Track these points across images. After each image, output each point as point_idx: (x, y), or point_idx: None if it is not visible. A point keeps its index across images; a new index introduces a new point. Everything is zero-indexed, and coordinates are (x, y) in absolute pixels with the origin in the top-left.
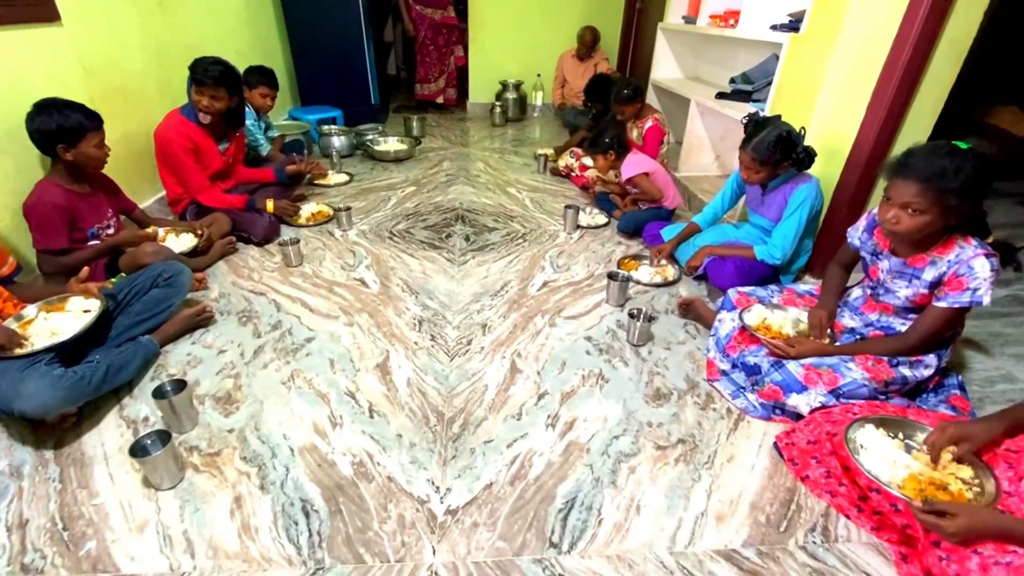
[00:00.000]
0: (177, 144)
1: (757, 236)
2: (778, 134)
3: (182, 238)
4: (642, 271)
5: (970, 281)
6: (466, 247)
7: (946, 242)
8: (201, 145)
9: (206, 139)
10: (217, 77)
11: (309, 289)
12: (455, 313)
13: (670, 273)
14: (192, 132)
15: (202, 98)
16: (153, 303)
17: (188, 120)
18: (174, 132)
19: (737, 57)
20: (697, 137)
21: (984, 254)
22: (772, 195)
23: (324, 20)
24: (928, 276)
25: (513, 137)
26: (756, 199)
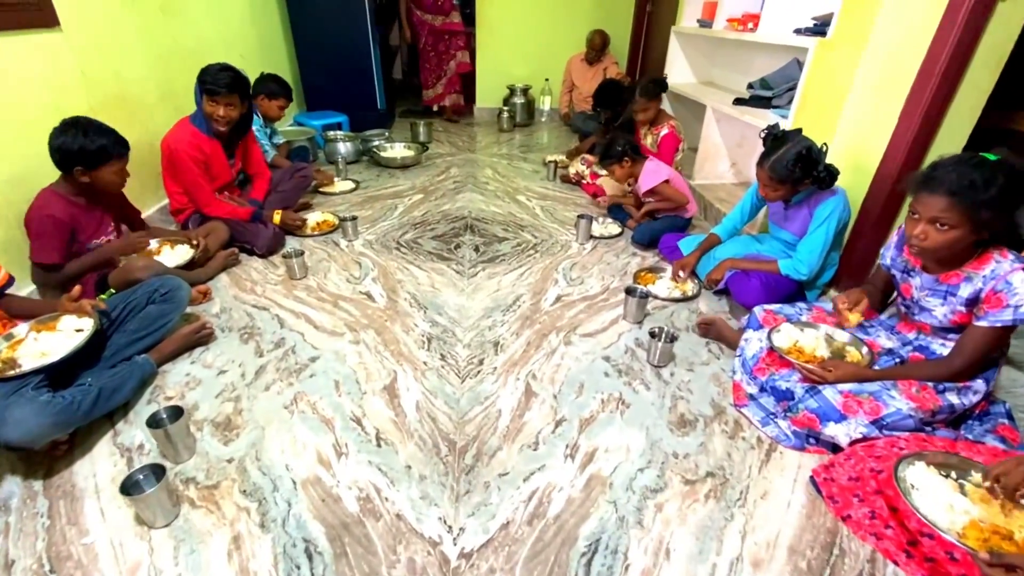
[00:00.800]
0: (187, 155)
1: (780, 250)
2: (798, 151)
3: (178, 250)
4: (660, 285)
5: (1009, 297)
6: (476, 258)
7: (980, 256)
8: (211, 157)
9: (217, 150)
10: (230, 84)
11: (313, 303)
12: (465, 330)
13: (689, 288)
14: (203, 143)
15: (217, 108)
16: (150, 320)
17: (199, 131)
18: (185, 143)
19: (754, 62)
20: (713, 144)
21: (1022, 268)
22: (795, 210)
23: (330, 23)
24: (964, 293)
25: (521, 143)
26: (779, 212)
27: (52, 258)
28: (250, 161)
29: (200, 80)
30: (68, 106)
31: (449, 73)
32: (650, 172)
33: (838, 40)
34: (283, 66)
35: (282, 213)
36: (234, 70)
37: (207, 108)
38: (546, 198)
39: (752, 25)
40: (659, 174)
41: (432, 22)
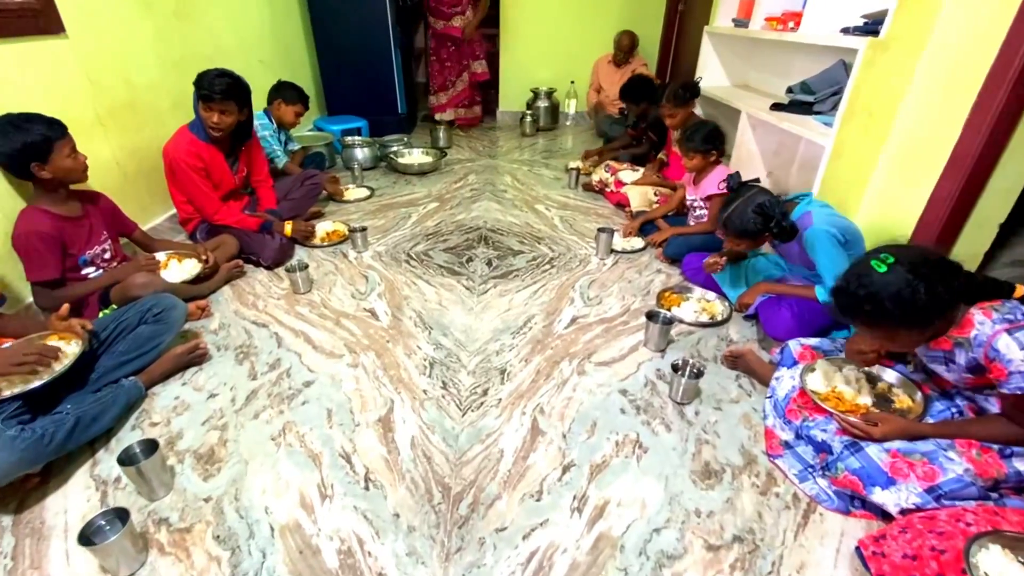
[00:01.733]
0: (186, 163)
1: (807, 277)
2: (753, 208)
3: (185, 264)
4: (686, 308)
5: (1008, 366)
6: (487, 273)
7: (962, 321)
8: (211, 164)
9: (217, 157)
10: (225, 91)
11: (315, 321)
12: (471, 354)
13: (718, 310)
14: (201, 150)
15: (211, 114)
16: (140, 341)
17: (197, 138)
18: (183, 151)
19: (793, 64)
20: (747, 152)
21: (1005, 329)
22: (785, 248)
23: (350, 26)
24: (961, 360)
25: (544, 148)
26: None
27: (49, 274)
28: (254, 168)
29: (196, 86)
30: (73, 114)
31: (459, 85)
32: (718, 178)
33: (893, 40)
34: (304, 70)
35: (293, 224)
36: (232, 76)
37: (203, 114)
38: (566, 207)
39: (793, 24)
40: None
41: (434, 25)
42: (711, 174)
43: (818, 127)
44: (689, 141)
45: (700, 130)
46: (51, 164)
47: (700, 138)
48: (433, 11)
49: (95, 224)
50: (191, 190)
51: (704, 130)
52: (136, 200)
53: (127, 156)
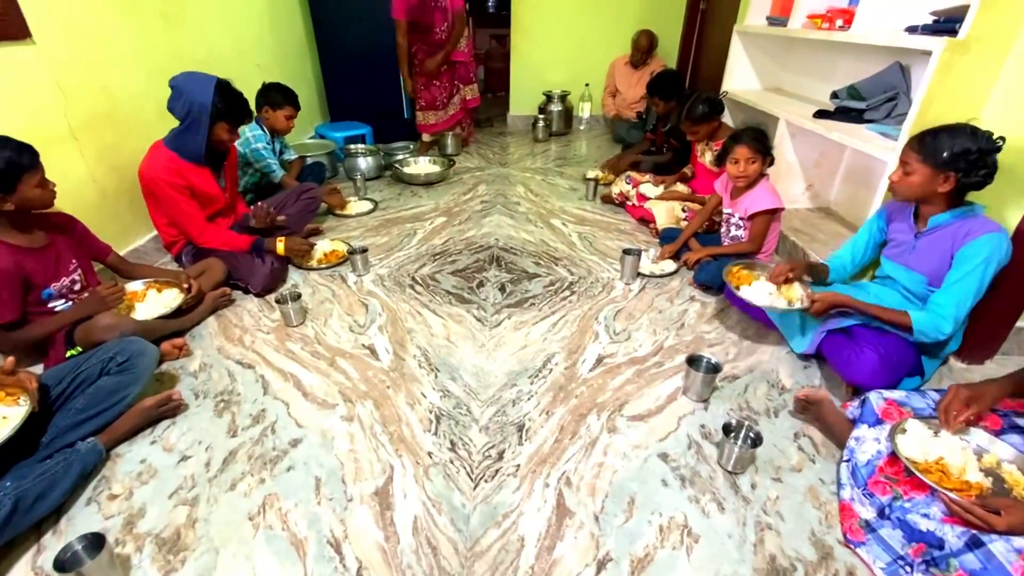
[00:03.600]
0: (167, 183)
1: (895, 298)
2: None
3: (165, 295)
4: (758, 289)
5: None
6: (501, 301)
7: None
8: (196, 183)
9: (203, 175)
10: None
11: (307, 360)
12: (483, 404)
13: (796, 295)
14: (184, 168)
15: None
16: (102, 396)
17: (177, 156)
18: (162, 170)
19: (836, 66)
20: (786, 163)
21: None
22: (931, 238)
23: (355, 28)
24: None
25: (557, 154)
26: (904, 243)
27: (7, 315)
28: (230, 181)
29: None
30: (42, 128)
31: (451, 109)
32: (766, 193)
33: (975, 40)
34: (306, 75)
35: (286, 241)
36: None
37: (223, 136)
38: (584, 222)
39: (843, 23)
40: (775, 200)
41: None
42: (756, 189)
43: (875, 138)
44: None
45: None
46: (16, 195)
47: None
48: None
49: (63, 253)
50: (173, 212)
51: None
52: (116, 220)
53: (105, 172)
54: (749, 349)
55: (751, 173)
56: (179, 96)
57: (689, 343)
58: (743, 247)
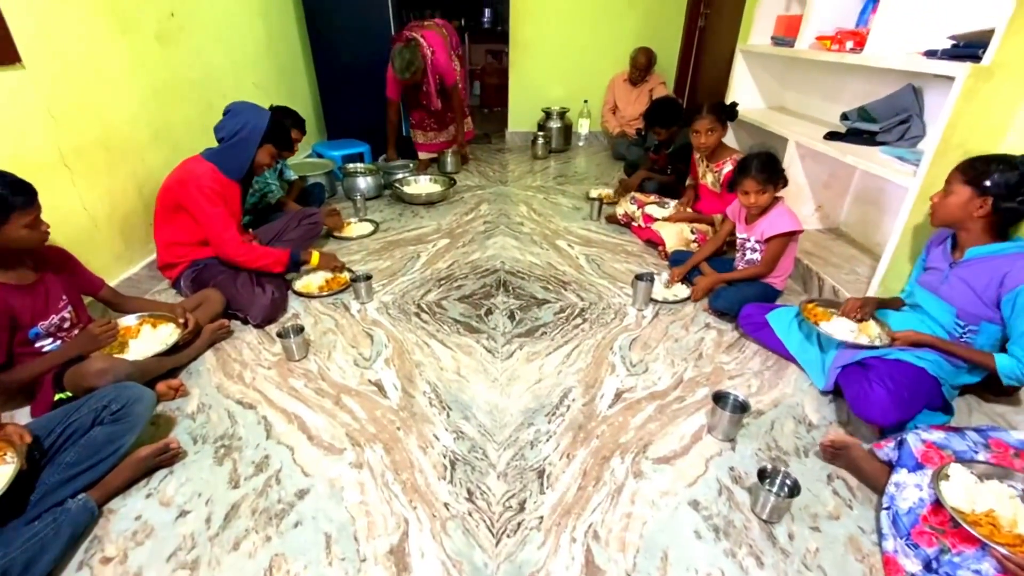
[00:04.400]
0: (214, 190)
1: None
2: None
3: (160, 331)
4: (839, 326)
5: None
6: (511, 330)
7: None
8: (230, 198)
9: (234, 192)
10: None
11: (311, 399)
12: (500, 447)
13: (874, 332)
14: (223, 184)
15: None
16: (94, 448)
17: (218, 170)
18: (206, 178)
19: (844, 87)
20: (795, 184)
21: None
22: (967, 271)
23: (352, 45)
24: None
25: (557, 172)
26: (938, 272)
27: None
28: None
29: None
30: (31, 157)
31: (441, 137)
32: (783, 215)
33: (1000, 67)
34: (302, 92)
35: (321, 255)
36: None
37: (265, 160)
38: (590, 243)
39: (854, 44)
40: (793, 222)
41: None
42: (772, 212)
43: (891, 162)
44: (760, 172)
45: (765, 159)
46: (2, 234)
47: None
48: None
49: (52, 289)
50: (211, 221)
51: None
52: (109, 249)
53: (97, 200)
54: (771, 381)
55: (762, 203)
56: (235, 116)
57: (709, 375)
58: (755, 271)
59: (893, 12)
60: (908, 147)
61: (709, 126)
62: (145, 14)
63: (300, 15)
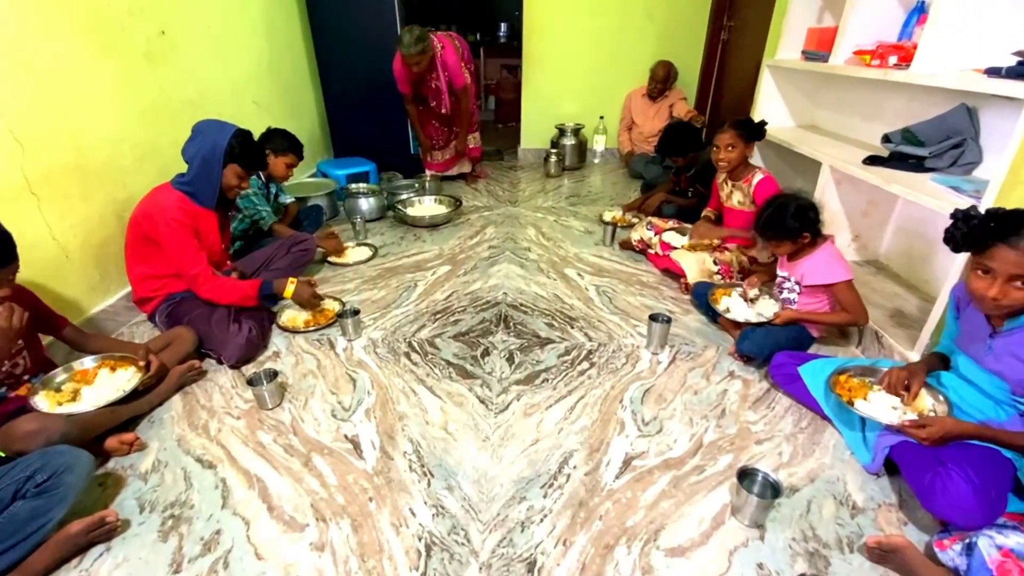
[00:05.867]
0: (179, 222)
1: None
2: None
3: (119, 376)
4: (878, 403)
5: None
6: (508, 376)
7: None
8: (203, 228)
9: (211, 222)
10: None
11: (278, 458)
12: (486, 527)
13: (926, 406)
14: (194, 212)
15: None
16: (15, 525)
17: (189, 198)
18: (174, 209)
19: (883, 104)
20: (830, 212)
21: None
22: (1012, 340)
23: (360, 60)
24: None
25: (570, 191)
26: (978, 340)
27: None
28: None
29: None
30: None
31: (447, 153)
32: (828, 262)
33: None
34: (307, 110)
35: (297, 284)
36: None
37: (233, 180)
38: (603, 273)
39: (898, 60)
40: (839, 271)
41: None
42: (816, 253)
43: (945, 194)
44: (765, 229)
45: (778, 214)
46: None
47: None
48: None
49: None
50: (180, 255)
51: (783, 212)
52: (82, 280)
53: (69, 230)
54: (806, 447)
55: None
56: (196, 137)
57: (733, 438)
58: (843, 318)
59: (945, 25)
60: (962, 174)
61: (729, 141)
62: (132, 32)
63: (307, 30)
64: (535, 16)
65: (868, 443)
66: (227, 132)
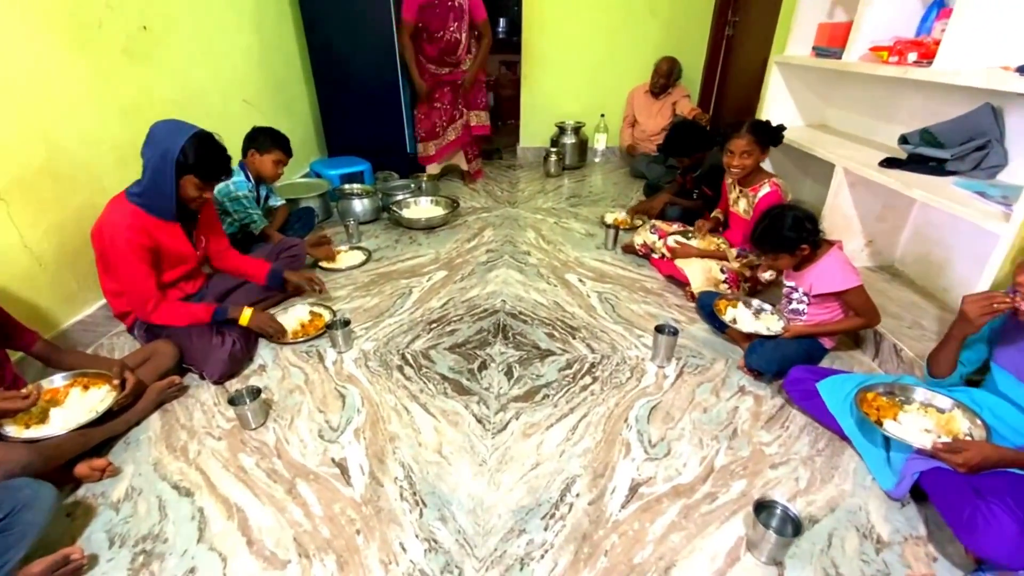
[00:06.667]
0: (128, 243)
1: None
2: None
3: (91, 396)
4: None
5: None
6: (507, 391)
7: None
8: (165, 241)
9: (174, 232)
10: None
11: (260, 484)
12: (481, 564)
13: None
14: (151, 226)
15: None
16: None
17: (143, 211)
18: (124, 227)
19: (899, 104)
20: (843, 217)
21: None
22: None
23: (355, 56)
24: None
25: (571, 191)
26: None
27: None
28: (212, 237)
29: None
30: None
31: (451, 134)
32: (835, 269)
33: None
34: (300, 108)
35: (253, 313)
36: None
37: (192, 192)
38: (604, 278)
39: (918, 56)
40: (848, 277)
41: (436, 71)
42: (823, 261)
43: (972, 200)
44: (761, 243)
45: (773, 226)
46: None
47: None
48: (430, 60)
49: None
50: (126, 279)
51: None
52: (58, 290)
53: (42, 237)
54: (824, 471)
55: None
56: (148, 143)
57: (746, 462)
58: (855, 323)
59: (970, 20)
60: (985, 178)
61: (745, 147)
62: (110, 27)
63: (299, 24)
64: (535, 11)
65: (892, 465)
66: (180, 138)
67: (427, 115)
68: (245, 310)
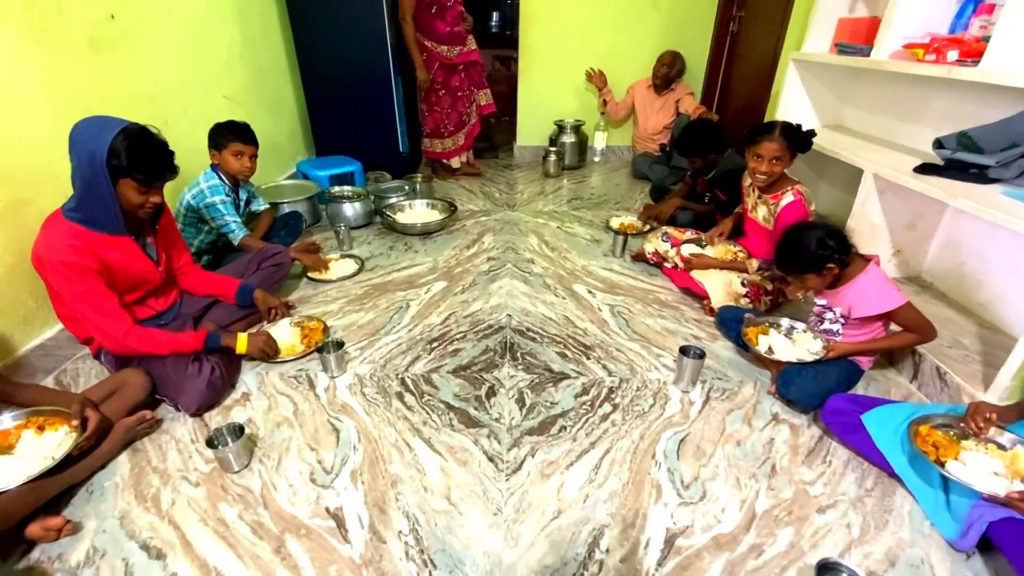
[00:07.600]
0: (77, 267)
1: None
2: None
3: (46, 439)
4: (975, 464)
5: None
6: (520, 422)
7: None
8: (114, 260)
9: (123, 246)
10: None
11: (243, 541)
12: None
13: None
14: (95, 244)
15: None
16: None
17: (83, 228)
18: (62, 250)
19: (928, 104)
20: (870, 225)
21: None
22: None
23: (344, 51)
24: None
25: (571, 193)
26: None
27: None
28: (172, 251)
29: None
30: None
31: (471, 119)
32: (873, 290)
33: None
34: (286, 105)
35: (249, 339)
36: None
37: (129, 197)
38: (615, 289)
39: (959, 55)
40: (890, 298)
41: (448, 55)
42: (861, 278)
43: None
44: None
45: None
46: None
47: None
48: (445, 37)
49: None
50: (80, 308)
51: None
52: (14, 310)
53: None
54: (877, 516)
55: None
56: (71, 148)
57: (790, 505)
58: (909, 339)
59: (1022, 18)
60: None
61: (777, 152)
62: (72, 15)
63: (284, 15)
64: (532, 5)
65: (952, 509)
66: (106, 136)
67: (452, 106)
68: (240, 336)
